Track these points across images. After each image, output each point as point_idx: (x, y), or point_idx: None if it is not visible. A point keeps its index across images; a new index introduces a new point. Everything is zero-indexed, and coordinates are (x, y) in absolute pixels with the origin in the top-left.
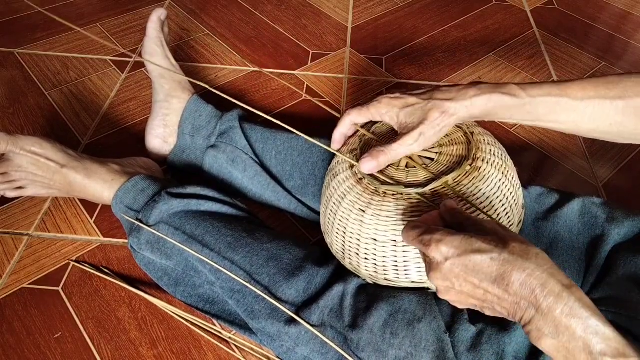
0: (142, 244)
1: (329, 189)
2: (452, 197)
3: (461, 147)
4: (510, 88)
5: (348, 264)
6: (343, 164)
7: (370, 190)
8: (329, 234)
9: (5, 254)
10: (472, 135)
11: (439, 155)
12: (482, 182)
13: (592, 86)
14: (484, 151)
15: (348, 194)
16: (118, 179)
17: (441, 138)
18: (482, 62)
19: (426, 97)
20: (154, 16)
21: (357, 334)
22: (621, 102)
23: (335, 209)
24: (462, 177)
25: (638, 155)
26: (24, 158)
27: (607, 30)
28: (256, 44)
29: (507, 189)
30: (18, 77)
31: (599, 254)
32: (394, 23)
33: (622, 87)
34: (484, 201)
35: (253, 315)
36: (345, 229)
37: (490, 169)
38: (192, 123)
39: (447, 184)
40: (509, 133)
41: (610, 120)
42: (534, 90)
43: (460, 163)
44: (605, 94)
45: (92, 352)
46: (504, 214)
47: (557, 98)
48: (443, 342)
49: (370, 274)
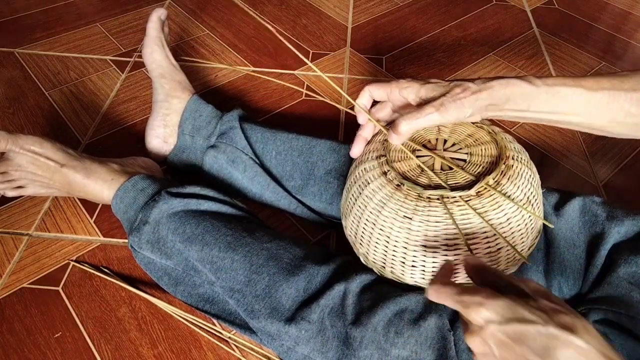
0: (142, 244)
1: (362, 198)
2: (494, 200)
3: (489, 146)
4: (527, 77)
5: (389, 272)
6: (373, 171)
7: (412, 197)
8: (364, 244)
9: (5, 254)
10: (496, 133)
11: (470, 155)
12: (518, 180)
13: (606, 79)
14: (510, 149)
15: (389, 201)
16: (118, 179)
17: (467, 138)
18: (482, 62)
19: (448, 81)
20: (154, 16)
21: (360, 331)
22: (635, 93)
23: (375, 218)
24: (500, 177)
25: (638, 155)
26: (23, 157)
27: (607, 30)
28: (256, 43)
29: (537, 184)
30: (18, 77)
31: (599, 252)
32: (394, 23)
33: (635, 80)
34: (522, 199)
35: (253, 314)
36: (389, 237)
37: (521, 166)
38: (192, 123)
39: (488, 184)
40: (509, 133)
41: (625, 112)
42: (549, 80)
43: (495, 162)
44: (620, 85)
45: (92, 352)
46: (538, 211)
47: (572, 88)
48: (446, 340)
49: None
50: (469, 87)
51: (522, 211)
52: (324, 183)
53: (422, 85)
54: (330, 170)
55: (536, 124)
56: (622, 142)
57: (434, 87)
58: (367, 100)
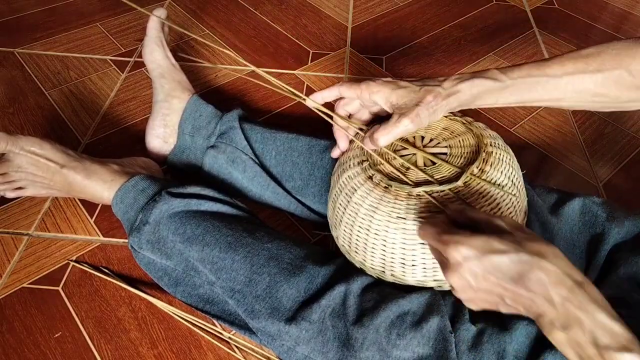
0: (142, 244)
1: (351, 198)
2: (481, 187)
3: (466, 137)
4: (491, 73)
5: (389, 275)
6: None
7: (402, 196)
8: (360, 251)
9: (5, 254)
10: (470, 123)
11: (450, 148)
12: (500, 165)
13: (570, 62)
14: (487, 136)
15: (379, 205)
16: (118, 179)
17: (443, 132)
18: (482, 62)
19: (418, 83)
20: (154, 16)
21: (362, 332)
22: (600, 75)
23: (368, 224)
24: (483, 165)
25: (638, 155)
26: (23, 158)
27: (607, 30)
28: (256, 43)
29: (516, 166)
30: (18, 76)
31: (599, 253)
32: (394, 23)
33: (600, 59)
34: (507, 183)
35: (253, 314)
36: (386, 240)
37: (499, 152)
38: (192, 123)
39: (472, 174)
40: (509, 133)
41: (591, 93)
42: (514, 73)
43: (475, 152)
44: (584, 68)
45: (92, 352)
46: (522, 193)
47: (537, 78)
48: (447, 341)
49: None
50: (439, 93)
51: (508, 195)
52: (324, 183)
53: (392, 90)
54: (330, 170)
55: (536, 125)
56: (622, 142)
57: (404, 94)
58: (333, 97)
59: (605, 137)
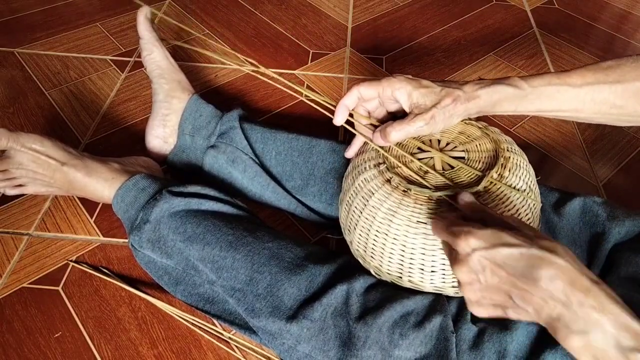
0: (142, 243)
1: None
2: (501, 192)
3: (483, 141)
4: (512, 80)
5: (407, 281)
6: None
7: (422, 200)
8: (376, 256)
9: (5, 254)
10: (486, 127)
11: (467, 152)
12: (517, 170)
13: (590, 73)
14: (504, 141)
15: (398, 209)
16: (118, 178)
17: (459, 136)
18: (482, 62)
19: (440, 84)
20: (140, 17)
21: (365, 331)
22: (619, 86)
23: (386, 228)
24: (502, 170)
25: (638, 155)
26: (24, 155)
27: (607, 30)
28: (256, 43)
29: (532, 171)
30: (18, 76)
31: (599, 252)
32: (394, 23)
33: (619, 71)
34: (525, 188)
35: (254, 313)
36: (405, 245)
37: (516, 157)
38: (192, 123)
39: (493, 178)
40: (509, 133)
41: (610, 104)
42: (535, 81)
43: (494, 156)
44: (604, 79)
45: (92, 352)
46: (538, 197)
47: (557, 87)
48: (448, 341)
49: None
50: (458, 96)
51: (527, 200)
52: (324, 183)
53: (414, 88)
54: (330, 170)
55: (536, 125)
56: (622, 142)
57: (426, 94)
58: (353, 102)
59: (605, 137)
